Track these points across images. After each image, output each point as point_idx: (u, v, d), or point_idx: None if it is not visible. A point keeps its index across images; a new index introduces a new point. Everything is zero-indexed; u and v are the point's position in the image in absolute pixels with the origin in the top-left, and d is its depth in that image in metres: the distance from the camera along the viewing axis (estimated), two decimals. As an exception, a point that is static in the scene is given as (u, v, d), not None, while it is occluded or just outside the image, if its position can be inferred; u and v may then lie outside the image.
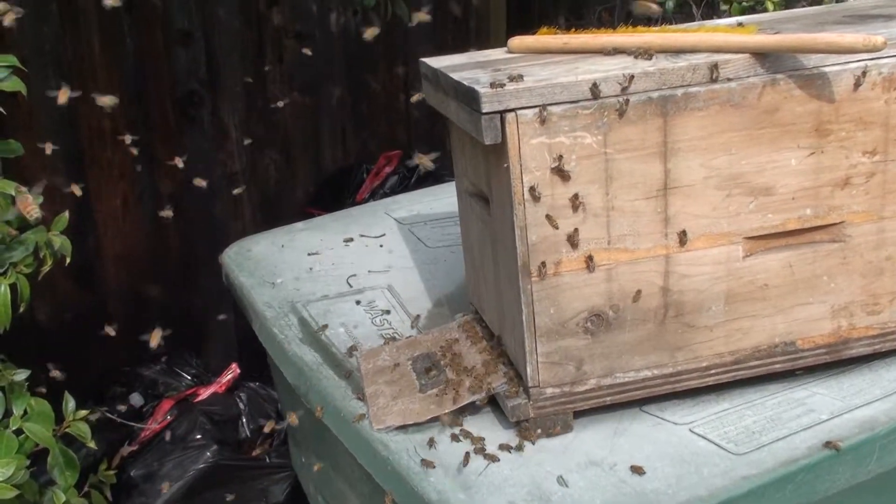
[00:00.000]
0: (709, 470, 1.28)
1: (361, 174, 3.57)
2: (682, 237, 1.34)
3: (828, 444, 1.31)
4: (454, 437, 1.38)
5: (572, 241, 1.31)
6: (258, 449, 3.12)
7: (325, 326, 1.69)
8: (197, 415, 2.97)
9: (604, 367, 1.39)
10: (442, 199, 2.24)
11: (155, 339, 2.64)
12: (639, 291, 1.35)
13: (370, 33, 2.41)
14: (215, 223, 3.39)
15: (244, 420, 3.13)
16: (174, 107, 3.20)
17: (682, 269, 1.36)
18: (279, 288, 1.87)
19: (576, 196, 1.29)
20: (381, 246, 2.03)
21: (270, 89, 3.42)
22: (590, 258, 1.32)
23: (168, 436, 2.92)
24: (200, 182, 2.72)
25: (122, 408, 2.99)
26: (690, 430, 1.38)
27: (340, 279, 1.89)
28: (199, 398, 3.12)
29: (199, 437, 2.92)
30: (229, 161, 3.40)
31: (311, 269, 1.95)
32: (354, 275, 1.90)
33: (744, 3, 2.70)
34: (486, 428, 1.42)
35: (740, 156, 1.32)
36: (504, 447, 1.36)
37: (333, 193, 3.56)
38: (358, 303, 1.79)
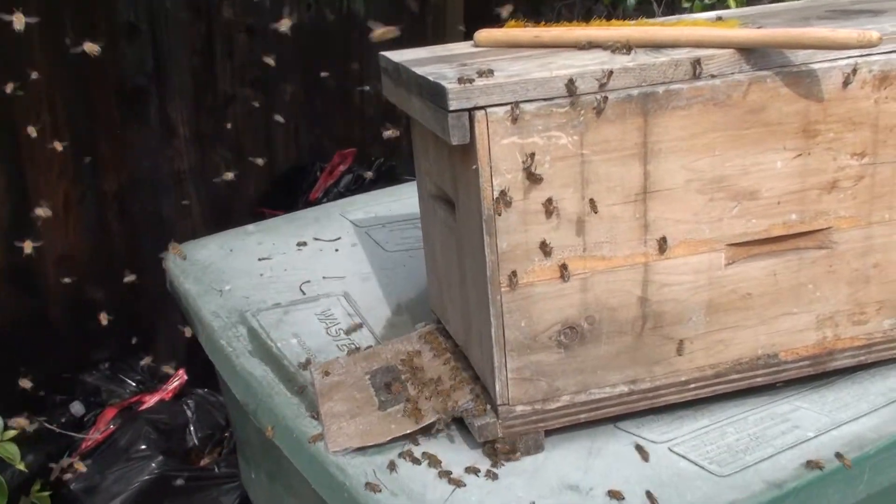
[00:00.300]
0: (692, 495, 1.19)
1: (315, 172, 3.48)
2: (662, 244, 1.25)
3: (810, 463, 1.23)
4: (415, 460, 1.28)
5: (545, 248, 1.22)
6: (207, 458, 3.00)
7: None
8: (142, 424, 2.84)
9: (578, 383, 1.29)
10: (401, 200, 2.14)
11: (103, 319, 2.51)
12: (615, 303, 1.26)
13: (284, 24, 2.29)
14: (163, 223, 3.27)
15: (192, 428, 3.01)
16: (119, 102, 3.08)
17: (662, 278, 1.27)
18: (227, 296, 1.76)
19: (549, 200, 1.19)
20: (337, 250, 1.93)
21: (220, 85, 3.30)
22: (564, 267, 1.23)
23: (111, 446, 2.79)
24: None
25: (63, 418, 2.86)
26: (670, 450, 1.29)
27: (293, 286, 1.78)
28: (145, 406, 3.00)
29: (143, 447, 2.80)
30: (177, 158, 3.29)
31: (261, 275, 1.83)
32: (308, 281, 1.79)
33: (706, 1, 2.63)
34: (451, 448, 1.32)
35: (724, 157, 1.23)
36: (471, 470, 1.27)
37: (286, 192, 3.46)
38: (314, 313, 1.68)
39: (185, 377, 3.03)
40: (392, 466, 1.27)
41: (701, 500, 1.18)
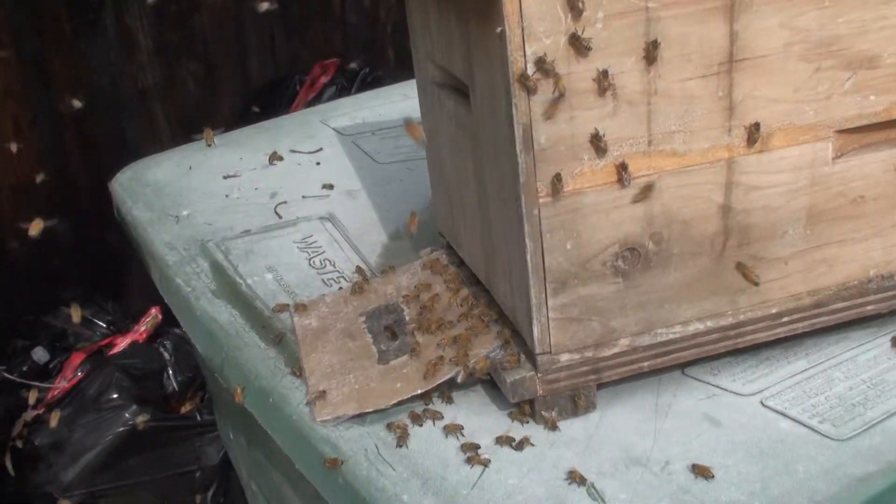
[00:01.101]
0: (806, 468, 0.89)
1: (294, 86, 3.22)
2: (753, 132, 0.93)
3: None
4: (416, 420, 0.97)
5: (598, 143, 0.89)
6: (188, 405, 2.72)
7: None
8: (113, 370, 2.57)
9: (640, 322, 0.98)
10: (393, 104, 1.79)
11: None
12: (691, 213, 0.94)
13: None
14: (127, 146, 2.99)
15: (170, 372, 2.74)
16: (70, 10, 2.82)
17: (751, 179, 0.95)
18: (185, 223, 1.43)
19: (604, 74, 0.86)
20: (318, 164, 1.59)
21: (184, -12, 3.02)
22: (623, 167, 0.91)
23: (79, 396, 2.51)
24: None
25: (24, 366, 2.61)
26: (763, 404, 0.98)
27: (266, 208, 1.45)
28: (116, 350, 2.72)
29: (115, 395, 2.54)
30: (140, 74, 3.03)
31: (227, 196, 1.50)
32: (284, 202, 1.47)
33: None
34: (474, 411, 1.01)
35: (837, 11, 0.91)
36: (503, 441, 0.96)
37: (263, 109, 3.17)
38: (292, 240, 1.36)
39: (161, 316, 2.75)
40: (400, 438, 0.96)
41: (820, 474, 0.88)
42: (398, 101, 1.80)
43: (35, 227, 2.13)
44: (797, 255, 1.00)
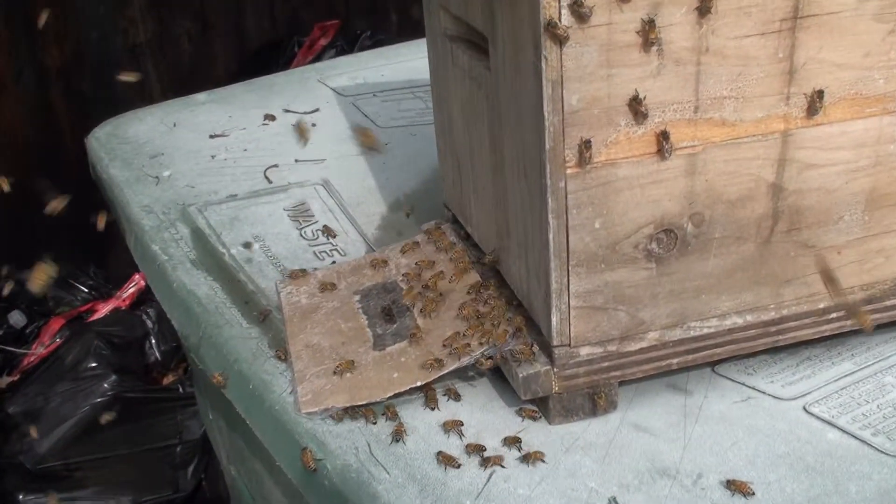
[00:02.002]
0: (858, 487, 0.78)
1: (292, 48, 3.12)
2: (815, 101, 0.81)
3: None
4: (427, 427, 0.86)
5: (638, 106, 0.77)
6: (170, 375, 2.63)
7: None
8: (92, 337, 2.48)
9: (672, 313, 0.86)
10: (396, 64, 1.67)
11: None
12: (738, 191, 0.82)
13: None
14: (116, 105, 2.86)
15: (152, 341, 2.65)
16: None
17: (807, 156, 0.83)
18: (165, 184, 1.30)
19: (650, 25, 0.74)
20: (314, 125, 1.47)
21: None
22: (664, 136, 0.79)
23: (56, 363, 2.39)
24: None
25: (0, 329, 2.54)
26: (805, 410, 0.87)
27: (255, 172, 1.33)
28: (96, 316, 2.63)
29: (94, 364, 2.45)
30: (131, 29, 2.94)
31: (213, 157, 1.38)
32: (275, 165, 1.34)
33: None
34: (479, 406, 0.90)
35: (918, -37, 0.78)
36: (511, 442, 0.84)
37: (259, 70, 3.05)
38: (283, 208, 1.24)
39: (144, 282, 2.64)
40: (396, 436, 0.85)
41: (875, 496, 0.77)
42: (402, 62, 1.67)
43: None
44: (852, 243, 0.88)
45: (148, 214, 1.23)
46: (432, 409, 0.88)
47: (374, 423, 0.86)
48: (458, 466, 0.82)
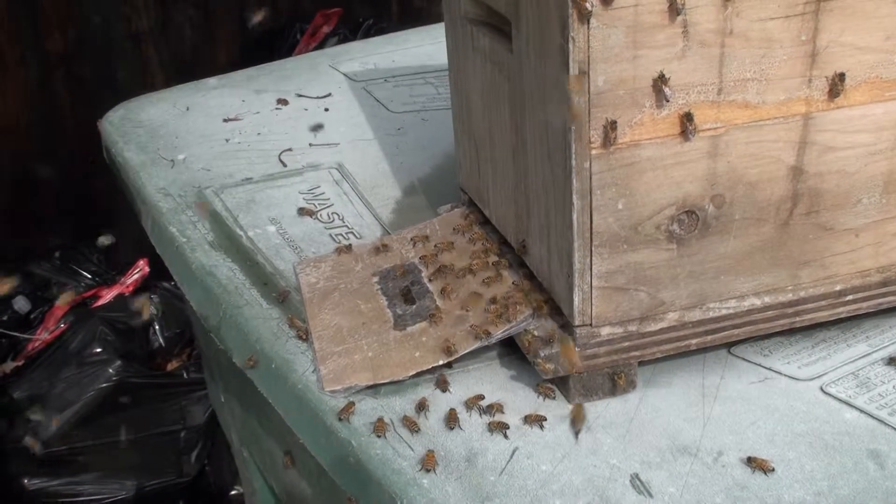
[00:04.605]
0: (876, 465, 0.79)
1: (294, 35, 3.11)
2: (836, 84, 0.81)
3: None
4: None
5: (662, 87, 0.78)
6: (174, 361, 2.63)
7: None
8: (97, 322, 2.48)
9: (691, 294, 0.87)
10: (408, 49, 1.67)
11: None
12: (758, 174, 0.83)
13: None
14: (118, 90, 2.88)
15: (156, 327, 2.65)
16: None
17: (828, 139, 0.84)
18: (181, 167, 1.31)
19: (674, 6, 0.75)
20: (327, 110, 1.47)
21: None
22: (688, 117, 0.79)
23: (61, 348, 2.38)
24: None
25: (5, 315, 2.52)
26: (822, 391, 0.88)
27: (270, 155, 1.34)
28: (101, 301, 2.62)
29: (99, 350, 2.46)
30: (134, 16, 2.93)
31: (227, 140, 1.38)
32: (290, 149, 1.35)
33: None
34: (499, 385, 0.91)
35: (940, -53, 0.79)
36: (533, 420, 0.85)
37: (261, 58, 3.04)
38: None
39: (148, 269, 2.65)
40: (421, 406, 0.86)
41: (894, 472, 0.78)
42: (412, 48, 1.67)
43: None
44: (869, 226, 0.89)
45: (164, 197, 1.24)
46: (444, 391, 0.89)
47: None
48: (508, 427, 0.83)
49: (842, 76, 0.81)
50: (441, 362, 0.90)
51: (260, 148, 1.35)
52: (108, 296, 2.66)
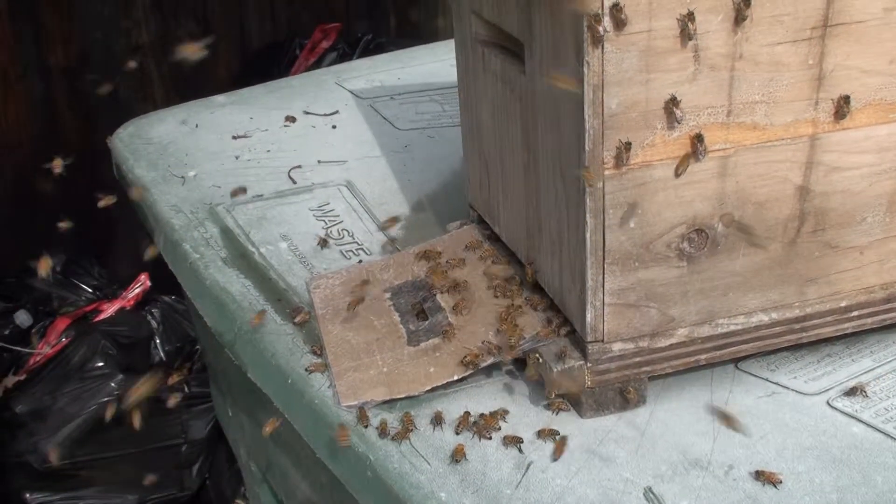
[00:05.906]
0: (884, 478, 0.81)
1: (294, 50, 3.12)
2: (842, 106, 0.84)
3: None
4: (464, 419, 0.88)
5: (673, 109, 0.80)
6: (175, 375, 2.63)
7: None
8: (98, 337, 2.48)
9: (701, 311, 0.89)
10: (413, 67, 1.69)
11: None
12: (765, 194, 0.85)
13: None
14: (119, 105, 2.89)
15: (157, 341, 2.65)
16: None
17: (833, 159, 0.86)
18: (192, 184, 1.33)
19: (690, 18, 0.77)
20: (335, 127, 1.49)
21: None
22: (698, 139, 0.81)
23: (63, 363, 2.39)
24: None
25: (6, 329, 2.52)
26: (829, 405, 0.90)
27: (279, 172, 1.36)
28: (102, 316, 2.63)
29: (100, 364, 2.45)
30: (135, 30, 2.96)
31: (237, 157, 1.40)
32: (299, 166, 1.37)
33: None
34: (510, 399, 0.93)
35: (942, -26, 0.82)
36: (546, 434, 0.87)
37: (260, 72, 3.06)
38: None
39: (149, 283, 2.66)
40: (438, 419, 0.88)
41: (901, 486, 0.80)
42: (417, 65, 1.70)
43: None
44: (874, 244, 0.92)
45: (176, 214, 1.25)
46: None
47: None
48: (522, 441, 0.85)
49: (847, 99, 0.83)
50: (456, 377, 0.92)
51: (269, 165, 1.37)
52: (109, 310, 2.66)
